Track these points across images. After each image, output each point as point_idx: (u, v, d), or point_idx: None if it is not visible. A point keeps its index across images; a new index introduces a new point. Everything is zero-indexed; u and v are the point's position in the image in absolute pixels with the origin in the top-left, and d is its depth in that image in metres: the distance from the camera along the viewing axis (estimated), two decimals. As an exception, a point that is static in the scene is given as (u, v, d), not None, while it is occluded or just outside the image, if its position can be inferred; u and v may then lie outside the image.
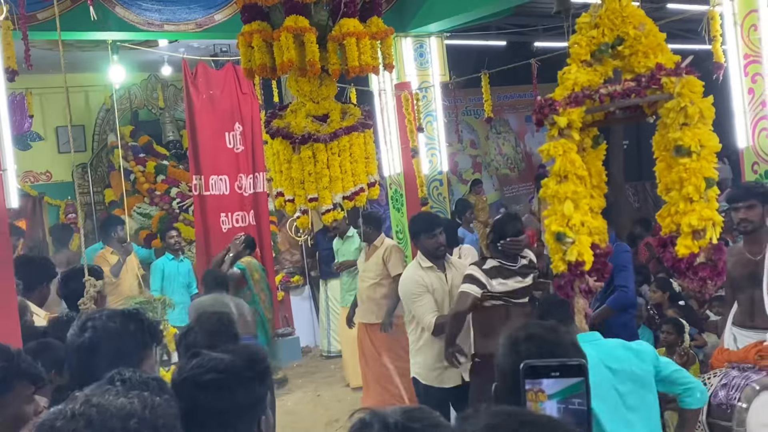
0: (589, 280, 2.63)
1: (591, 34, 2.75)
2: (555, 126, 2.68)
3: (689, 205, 2.57)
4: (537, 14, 11.58)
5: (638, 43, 2.69)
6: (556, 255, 2.68)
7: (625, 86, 2.63)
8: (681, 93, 2.55)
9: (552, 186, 2.71)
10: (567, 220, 2.66)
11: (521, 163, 14.98)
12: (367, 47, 5.04)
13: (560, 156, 2.67)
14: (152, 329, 2.52)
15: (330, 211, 5.24)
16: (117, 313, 2.55)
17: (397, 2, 8.31)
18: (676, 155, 2.59)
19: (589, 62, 2.75)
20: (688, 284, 2.65)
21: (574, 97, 2.67)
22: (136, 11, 6.79)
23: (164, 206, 10.15)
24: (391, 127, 8.31)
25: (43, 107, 10.36)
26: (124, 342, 2.42)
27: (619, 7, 2.73)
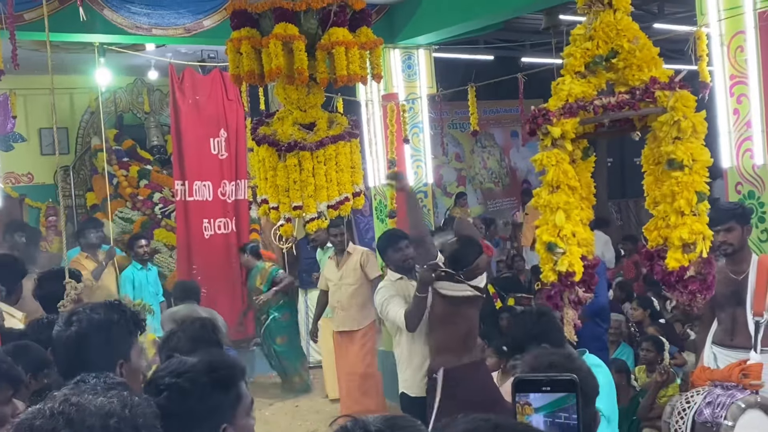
0: (578, 291, 2.63)
1: (585, 46, 2.77)
2: (548, 136, 2.69)
3: (680, 219, 2.58)
4: (525, 30, 11.68)
5: (632, 56, 2.70)
6: (546, 265, 2.68)
7: (620, 98, 2.64)
8: (674, 107, 2.56)
9: (544, 196, 2.71)
10: (558, 230, 2.66)
11: (505, 177, 15.04)
12: (356, 57, 5.04)
13: (553, 166, 2.68)
14: (135, 318, 2.54)
15: (314, 219, 5.22)
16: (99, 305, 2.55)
17: (387, 13, 8.33)
18: (668, 168, 2.61)
19: (583, 74, 2.76)
20: (678, 297, 2.66)
21: (568, 107, 2.68)
22: (124, 14, 6.75)
23: (146, 211, 10.07)
24: (377, 137, 8.32)
25: (26, 108, 10.27)
26: (111, 332, 2.44)
27: (614, 20, 2.75)
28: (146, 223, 9.97)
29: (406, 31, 8.30)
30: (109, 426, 1.48)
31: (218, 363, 2.07)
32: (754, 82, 5.20)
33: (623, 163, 14.97)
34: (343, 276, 7.18)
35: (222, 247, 8.59)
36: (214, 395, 1.99)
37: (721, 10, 5.40)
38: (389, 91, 8.35)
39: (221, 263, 8.57)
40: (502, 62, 12.31)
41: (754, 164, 5.23)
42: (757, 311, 3.94)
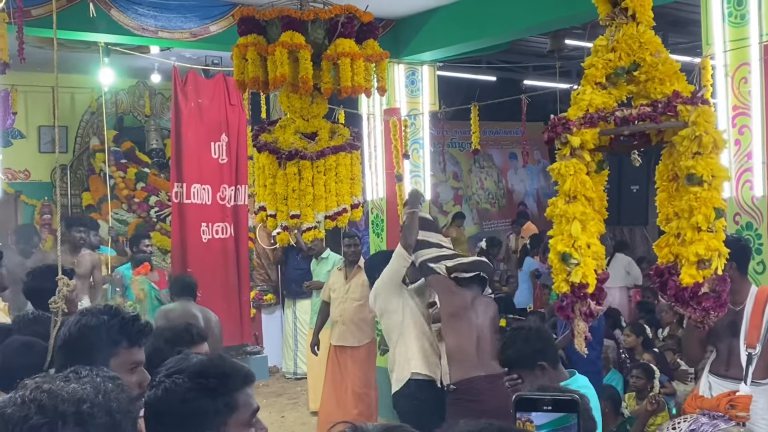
0: (591, 304, 2.61)
1: (607, 57, 2.76)
2: (567, 145, 2.68)
3: (697, 235, 2.57)
4: (528, 53, 11.72)
5: (654, 69, 2.70)
6: (559, 276, 2.66)
7: (641, 111, 2.63)
8: (696, 122, 2.56)
9: (560, 205, 2.69)
10: (574, 240, 2.65)
11: (502, 198, 15.04)
12: (361, 69, 5.05)
13: (571, 176, 2.66)
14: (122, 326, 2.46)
15: (311, 229, 5.21)
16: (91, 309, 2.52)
17: (393, 28, 8.35)
18: (687, 183, 2.60)
19: (603, 85, 2.75)
20: (691, 314, 2.64)
21: (588, 117, 2.66)
22: (131, 15, 6.76)
23: (142, 214, 10.05)
24: (377, 151, 8.32)
25: (27, 105, 10.26)
26: (87, 339, 2.39)
27: (637, 33, 2.74)
28: (141, 225, 9.94)
29: (411, 46, 8.33)
30: (82, 411, 1.45)
31: (210, 368, 2.01)
32: (756, 114, 5.22)
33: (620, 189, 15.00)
34: (350, 290, 7.06)
35: (219, 252, 8.55)
36: (198, 400, 1.93)
37: (726, 41, 5.43)
38: (392, 105, 8.36)
39: (218, 267, 8.53)
40: (505, 84, 12.36)
41: (754, 196, 5.24)
42: (749, 343, 3.94)
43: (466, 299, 5.13)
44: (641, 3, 2.77)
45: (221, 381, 1.98)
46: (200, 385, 1.95)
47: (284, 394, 9.12)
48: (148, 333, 2.54)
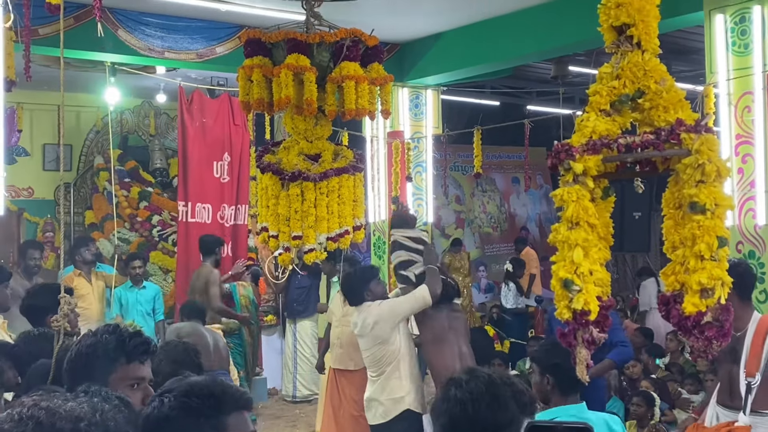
0: (593, 331, 2.59)
1: (612, 85, 2.77)
2: (570, 171, 2.68)
3: (700, 263, 2.56)
4: (531, 78, 11.79)
5: (659, 97, 2.71)
6: (561, 302, 2.65)
7: (644, 138, 2.64)
8: (699, 150, 2.56)
9: (563, 232, 2.68)
10: (576, 267, 2.64)
11: (504, 223, 15.05)
12: (365, 91, 5.06)
13: (573, 202, 2.66)
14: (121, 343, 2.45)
15: (313, 251, 5.19)
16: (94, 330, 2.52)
17: (398, 52, 8.42)
18: (690, 212, 2.59)
19: (608, 112, 2.76)
20: (693, 343, 2.62)
21: (591, 144, 2.67)
22: (138, 36, 6.82)
23: (144, 233, 10.05)
24: (380, 174, 8.34)
25: (32, 123, 10.31)
26: (87, 357, 2.40)
27: (642, 60, 2.76)
28: (143, 244, 9.94)
29: (415, 70, 8.39)
30: (79, 429, 1.45)
31: (199, 389, 1.96)
32: (759, 143, 5.24)
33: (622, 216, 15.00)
34: (347, 314, 7.06)
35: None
36: (182, 420, 1.91)
37: (730, 69, 5.46)
38: (395, 128, 8.40)
39: (215, 288, 8.50)
40: (508, 109, 12.42)
41: (756, 224, 5.24)
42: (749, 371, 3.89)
43: (442, 321, 5.28)
44: (646, 31, 2.78)
45: (207, 402, 1.94)
46: (185, 404, 1.92)
47: (283, 417, 9.04)
48: (150, 350, 2.53)
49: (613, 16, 2.79)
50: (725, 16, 5.62)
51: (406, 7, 7.05)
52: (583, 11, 6.76)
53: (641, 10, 2.76)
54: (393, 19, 7.42)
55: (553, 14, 7.15)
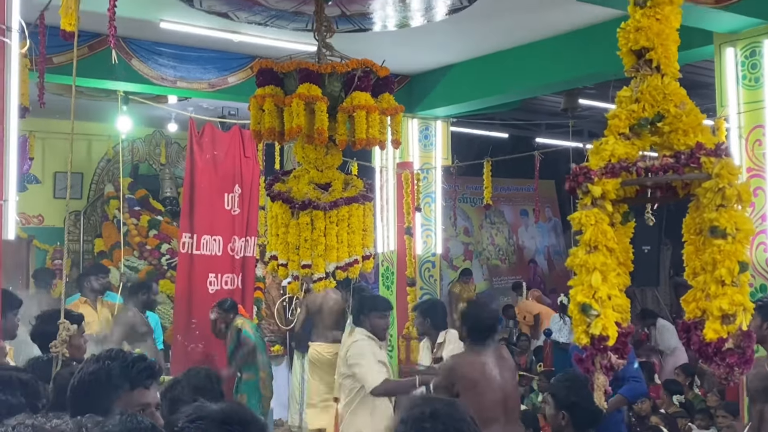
0: (611, 357, 2.57)
1: (631, 108, 2.76)
2: (588, 195, 2.66)
3: (721, 289, 2.53)
4: (541, 111, 11.84)
5: (679, 121, 2.70)
6: (579, 327, 2.62)
7: (664, 162, 2.62)
8: (720, 174, 2.54)
9: (581, 255, 2.66)
10: (594, 291, 2.61)
11: (512, 255, 15.00)
12: (376, 121, 5.08)
13: (592, 225, 2.64)
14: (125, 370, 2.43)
15: (322, 279, 5.18)
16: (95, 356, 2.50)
17: (408, 84, 8.47)
18: (710, 236, 2.57)
19: (627, 135, 2.75)
20: (715, 370, 2.59)
21: (610, 167, 2.65)
22: (151, 65, 6.89)
23: (153, 261, 10.06)
24: (389, 204, 8.35)
25: (44, 151, 10.39)
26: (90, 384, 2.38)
27: (661, 84, 2.76)
28: (151, 273, 9.94)
29: (425, 102, 8.44)
30: None
31: (234, 416, 2.00)
32: (770, 176, 5.24)
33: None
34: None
35: (227, 303, 8.49)
36: None
37: (741, 103, 5.47)
38: (405, 159, 8.42)
39: (225, 318, 8.46)
40: (517, 141, 12.46)
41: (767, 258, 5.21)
42: None
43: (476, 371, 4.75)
44: (666, 55, 2.79)
45: (244, 429, 1.96)
46: (225, 431, 1.93)
47: (289, 448, 8.97)
48: (154, 374, 2.50)
49: (632, 40, 2.79)
50: (736, 49, 5.64)
51: (416, 39, 7.11)
52: (593, 45, 6.82)
53: (660, 33, 2.77)
54: (404, 51, 7.48)
55: (562, 47, 7.20)
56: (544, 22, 6.88)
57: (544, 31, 7.19)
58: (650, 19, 2.78)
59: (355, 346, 5.41)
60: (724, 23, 5.51)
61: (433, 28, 6.43)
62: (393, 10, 5.66)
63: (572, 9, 6.29)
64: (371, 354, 5.32)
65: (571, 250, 2.76)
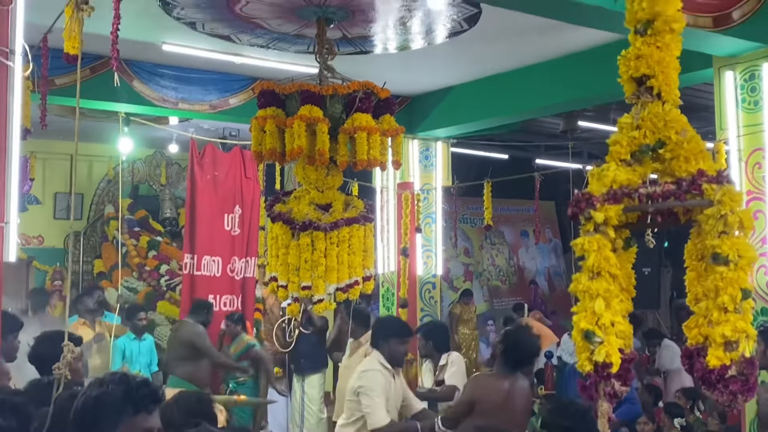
0: (615, 384, 2.56)
1: (632, 135, 2.78)
2: (591, 221, 2.67)
3: (723, 315, 2.53)
4: (540, 132, 11.87)
5: (680, 148, 2.71)
6: (582, 354, 2.62)
7: (665, 188, 2.63)
8: (721, 200, 2.55)
9: (584, 282, 2.66)
10: (597, 318, 2.61)
11: (513, 276, 14.98)
12: (377, 142, 5.10)
13: (594, 251, 2.64)
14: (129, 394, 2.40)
15: (322, 301, 5.16)
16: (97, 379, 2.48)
17: (408, 105, 8.51)
18: (712, 263, 2.58)
19: (628, 162, 2.77)
20: (718, 397, 2.58)
21: (612, 193, 2.66)
22: (153, 86, 6.92)
23: (152, 282, 10.04)
24: (390, 225, 8.35)
25: (44, 172, 10.41)
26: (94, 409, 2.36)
27: (662, 111, 2.77)
28: (150, 294, 9.92)
29: (425, 123, 8.47)
30: None
31: None
32: (771, 199, 5.24)
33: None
34: (349, 365, 6.98)
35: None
36: None
37: (740, 126, 5.49)
38: (405, 180, 8.44)
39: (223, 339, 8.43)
40: (517, 162, 12.48)
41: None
42: None
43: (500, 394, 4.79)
44: (666, 82, 2.81)
45: None
46: None
47: (288, 471, 8.89)
48: (158, 399, 2.48)
49: (633, 67, 2.81)
50: (735, 73, 5.67)
51: (417, 61, 7.15)
52: (593, 67, 6.86)
53: (661, 61, 2.79)
54: (404, 73, 7.52)
55: (562, 70, 7.24)
56: (543, 44, 6.93)
57: (544, 54, 7.23)
58: (651, 47, 2.81)
59: (368, 377, 5.04)
60: (724, 47, 5.54)
61: (434, 51, 6.46)
62: (394, 33, 5.71)
63: (571, 32, 6.33)
64: (382, 390, 4.97)
65: (574, 275, 2.76)
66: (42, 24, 4.82)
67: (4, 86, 3.25)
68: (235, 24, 5.46)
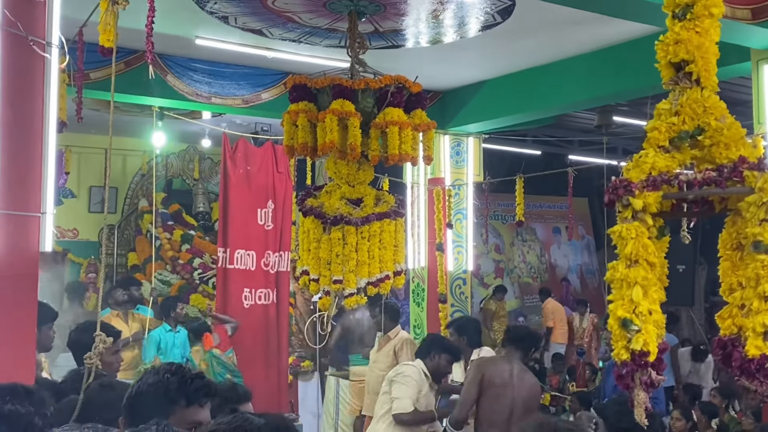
0: (651, 373, 2.52)
1: (671, 121, 2.73)
2: (629, 208, 2.63)
3: (764, 304, 2.48)
4: (574, 128, 11.76)
5: (720, 134, 2.66)
6: (619, 342, 2.58)
7: (706, 175, 2.59)
8: (763, 188, 2.50)
9: (621, 269, 2.62)
10: (634, 306, 2.58)
11: (544, 273, 14.88)
12: (409, 137, 5.07)
13: (632, 239, 2.60)
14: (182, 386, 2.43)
15: (353, 295, 5.17)
16: (154, 369, 2.52)
17: (440, 100, 8.47)
18: (753, 251, 2.52)
19: (666, 148, 2.72)
20: (757, 387, 2.53)
21: (651, 180, 2.62)
22: (186, 81, 6.97)
23: (185, 275, 10.13)
24: (420, 220, 8.33)
25: (79, 165, 10.53)
26: (147, 397, 2.39)
27: (701, 97, 2.72)
28: (184, 287, 10.01)
29: (457, 118, 8.42)
30: None
31: (284, 428, 2.07)
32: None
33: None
34: (378, 360, 7.01)
35: (260, 318, 8.49)
36: None
37: (778, 119, 5.38)
38: (436, 175, 8.40)
39: (258, 333, 8.44)
40: (549, 158, 12.38)
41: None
42: None
43: (507, 373, 5.06)
44: (706, 68, 2.75)
45: None
46: None
47: (320, 464, 8.93)
48: (211, 393, 2.49)
49: (671, 53, 2.75)
50: (773, 65, 5.56)
51: (449, 55, 7.11)
52: (627, 61, 6.77)
53: (700, 46, 2.73)
54: (436, 67, 7.49)
55: (596, 63, 7.15)
56: (577, 38, 6.85)
57: (578, 48, 7.15)
58: (690, 32, 2.75)
59: (406, 369, 5.38)
60: (762, 39, 5.43)
61: (466, 45, 6.42)
62: (426, 27, 5.67)
63: (606, 25, 6.25)
64: (416, 384, 5.26)
65: (611, 264, 2.72)
66: (77, 18, 4.86)
67: (41, 78, 3.28)
68: (267, 18, 5.47)
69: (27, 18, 3.23)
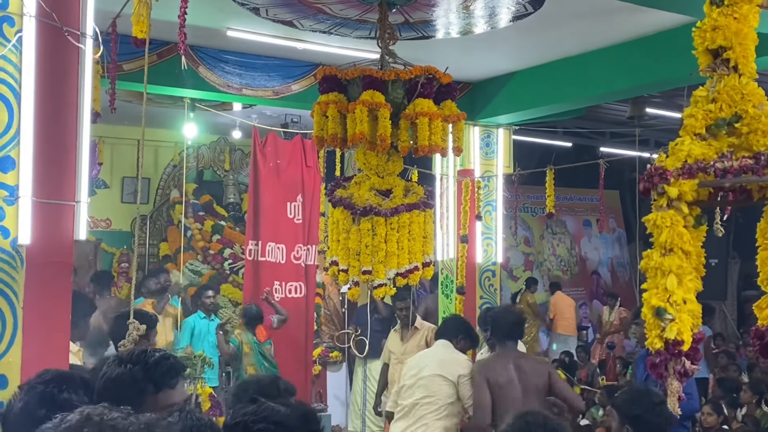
0: (685, 362, 2.50)
1: (708, 108, 2.69)
2: (664, 196, 2.60)
3: None
4: (606, 119, 11.64)
5: (757, 121, 2.62)
6: (653, 331, 2.56)
7: (743, 163, 2.55)
8: None
9: (656, 258, 2.60)
10: (669, 295, 2.55)
11: (575, 266, 14.76)
12: (439, 128, 5.07)
13: (667, 227, 2.58)
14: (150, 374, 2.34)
15: (382, 286, 5.18)
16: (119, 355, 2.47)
17: (470, 91, 8.43)
18: None
19: (703, 136, 2.68)
20: None
21: (687, 168, 2.59)
22: (218, 72, 7.01)
23: (216, 266, 10.22)
24: (450, 212, 8.31)
25: (112, 156, 10.65)
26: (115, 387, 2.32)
27: (739, 84, 2.68)
28: (214, 277, 10.10)
29: (487, 109, 8.38)
30: None
31: (311, 415, 2.07)
32: None
33: (698, 262, 14.54)
34: (406, 352, 6.97)
35: (291, 310, 8.55)
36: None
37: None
38: (465, 167, 8.38)
39: (288, 325, 8.54)
40: (580, 150, 12.27)
41: None
42: None
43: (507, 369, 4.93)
44: (744, 54, 2.71)
45: (319, 427, 2.07)
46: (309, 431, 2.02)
47: (348, 454, 8.98)
48: (179, 371, 2.41)
49: (708, 39, 2.72)
50: (811, 56, 5.45)
51: (479, 46, 7.08)
52: (661, 51, 6.68)
53: (738, 33, 2.69)
54: (466, 58, 7.45)
55: (628, 54, 7.07)
56: (609, 28, 6.78)
57: (610, 38, 7.07)
58: (728, 17, 2.71)
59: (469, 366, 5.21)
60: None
61: (497, 35, 6.38)
62: (456, 17, 5.65)
63: (639, 15, 6.18)
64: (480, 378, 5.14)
65: (645, 252, 2.69)
66: (111, 10, 4.92)
67: (75, 69, 3.33)
68: (298, 9, 5.48)
69: (62, 9, 3.27)
